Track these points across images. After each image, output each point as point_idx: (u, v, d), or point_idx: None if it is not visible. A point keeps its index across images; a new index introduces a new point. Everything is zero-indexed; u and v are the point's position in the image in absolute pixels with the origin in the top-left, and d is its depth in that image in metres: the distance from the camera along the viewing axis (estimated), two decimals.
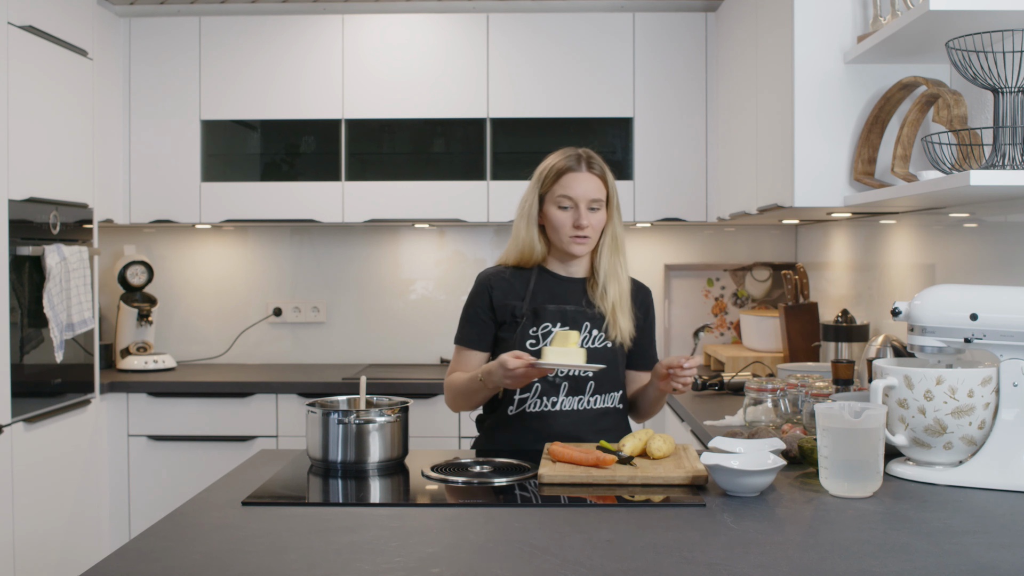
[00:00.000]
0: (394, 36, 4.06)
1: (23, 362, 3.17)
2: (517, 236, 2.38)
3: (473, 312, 2.39)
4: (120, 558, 1.50)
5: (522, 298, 2.34)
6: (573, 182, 2.28)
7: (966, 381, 1.88)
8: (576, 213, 2.28)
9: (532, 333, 2.31)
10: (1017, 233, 2.38)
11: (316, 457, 2.10)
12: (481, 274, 2.43)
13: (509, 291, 2.36)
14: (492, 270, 2.42)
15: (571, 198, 2.28)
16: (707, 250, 4.44)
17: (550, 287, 2.36)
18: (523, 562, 1.46)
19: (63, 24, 3.41)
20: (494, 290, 2.36)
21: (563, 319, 2.31)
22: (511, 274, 2.39)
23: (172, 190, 4.08)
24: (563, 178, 2.29)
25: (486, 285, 2.38)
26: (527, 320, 2.32)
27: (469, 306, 2.40)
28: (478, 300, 2.38)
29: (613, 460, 1.99)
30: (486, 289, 2.37)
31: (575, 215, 2.28)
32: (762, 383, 2.51)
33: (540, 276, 2.38)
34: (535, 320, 2.31)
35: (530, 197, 2.35)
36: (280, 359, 4.47)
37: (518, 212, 2.39)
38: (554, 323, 2.31)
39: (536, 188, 2.35)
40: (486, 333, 2.38)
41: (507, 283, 2.37)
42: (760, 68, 3.23)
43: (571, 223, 2.29)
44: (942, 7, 2.06)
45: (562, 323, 2.31)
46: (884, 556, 1.47)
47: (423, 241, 4.46)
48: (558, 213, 2.30)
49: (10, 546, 3.07)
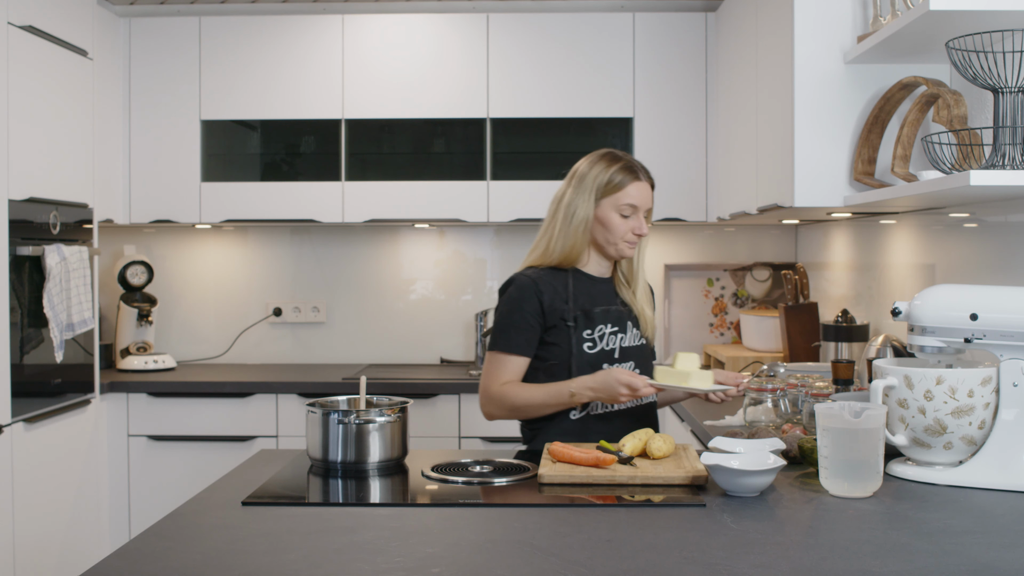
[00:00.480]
0: (394, 36, 4.06)
1: (23, 362, 3.17)
2: (569, 238, 2.36)
3: (521, 317, 2.33)
4: (120, 558, 1.50)
5: (566, 301, 2.35)
6: (637, 191, 2.36)
7: (966, 381, 1.88)
8: (636, 220, 2.36)
9: (588, 336, 2.34)
10: (1017, 233, 2.38)
11: (316, 457, 2.10)
12: (522, 278, 2.37)
13: (556, 294, 2.35)
14: (532, 273, 2.38)
15: (635, 206, 2.35)
16: (707, 250, 4.44)
17: (587, 288, 2.39)
18: (523, 562, 1.46)
19: (63, 24, 3.41)
20: (543, 294, 2.34)
21: (611, 319, 2.37)
22: (551, 276, 2.38)
23: (172, 190, 4.09)
24: (628, 187, 2.35)
25: (534, 289, 2.34)
26: (580, 324, 2.33)
27: (515, 311, 2.34)
28: (527, 305, 2.33)
29: (613, 460, 1.99)
30: (535, 293, 2.33)
31: (635, 222, 2.36)
32: (762, 383, 2.51)
33: (575, 277, 2.40)
34: (588, 323, 2.34)
35: (585, 202, 2.35)
36: (280, 359, 4.47)
37: (565, 214, 2.37)
38: (605, 324, 2.36)
39: (592, 194, 2.35)
40: (533, 338, 2.34)
41: (551, 286, 2.36)
42: (760, 68, 3.23)
43: (629, 229, 2.35)
44: (942, 7, 2.06)
45: (611, 323, 2.36)
46: (884, 556, 1.47)
47: (423, 241, 4.46)
48: (619, 220, 2.35)
49: (10, 546, 3.07)
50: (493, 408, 2.36)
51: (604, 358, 2.34)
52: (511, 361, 2.34)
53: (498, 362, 2.35)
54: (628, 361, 2.37)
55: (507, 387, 2.33)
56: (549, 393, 2.27)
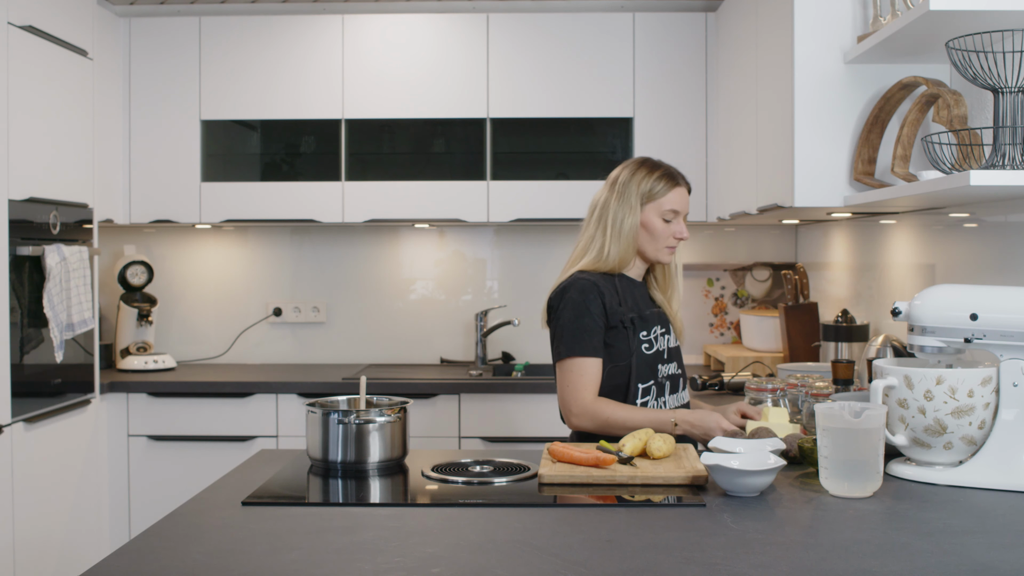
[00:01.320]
0: (394, 36, 4.06)
1: (23, 362, 3.17)
2: (621, 243, 2.38)
3: (590, 320, 2.32)
4: (120, 558, 1.50)
5: (619, 303, 2.38)
6: (678, 197, 2.42)
7: (966, 381, 1.88)
8: (679, 225, 2.42)
9: (644, 337, 2.38)
10: (1017, 233, 2.38)
11: (316, 457, 2.10)
12: (582, 282, 2.35)
13: (613, 296, 2.38)
14: (591, 277, 2.37)
15: (677, 212, 2.41)
16: (707, 250, 4.44)
17: (631, 291, 2.44)
18: (523, 562, 1.46)
19: (63, 24, 3.41)
20: (604, 295, 2.35)
21: (660, 321, 2.44)
22: (604, 280, 2.40)
23: (172, 190, 4.08)
24: (671, 193, 2.41)
25: (596, 291, 2.34)
26: (637, 325, 2.37)
27: (582, 315, 2.32)
28: (592, 308, 2.32)
29: (613, 460, 1.99)
30: (598, 295, 2.33)
31: (677, 227, 2.41)
32: (762, 383, 2.51)
33: (621, 281, 2.43)
34: (644, 324, 2.39)
35: (633, 208, 2.39)
36: (280, 359, 4.47)
37: (612, 223, 2.39)
38: (657, 326, 2.42)
39: (638, 201, 2.39)
40: (602, 341, 2.34)
41: (608, 289, 2.37)
42: (760, 68, 3.23)
43: (671, 234, 2.41)
44: (942, 7, 2.06)
45: (660, 325, 2.43)
46: (884, 556, 1.47)
47: (423, 241, 4.46)
48: (662, 225, 2.41)
49: (10, 546, 3.07)
50: (585, 421, 2.31)
51: (658, 359, 2.40)
52: (591, 364, 2.31)
53: (579, 368, 2.31)
54: (673, 361, 2.45)
55: (605, 404, 2.30)
56: (651, 420, 2.26)
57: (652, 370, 2.37)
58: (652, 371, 2.37)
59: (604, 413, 2.28)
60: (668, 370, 2.42)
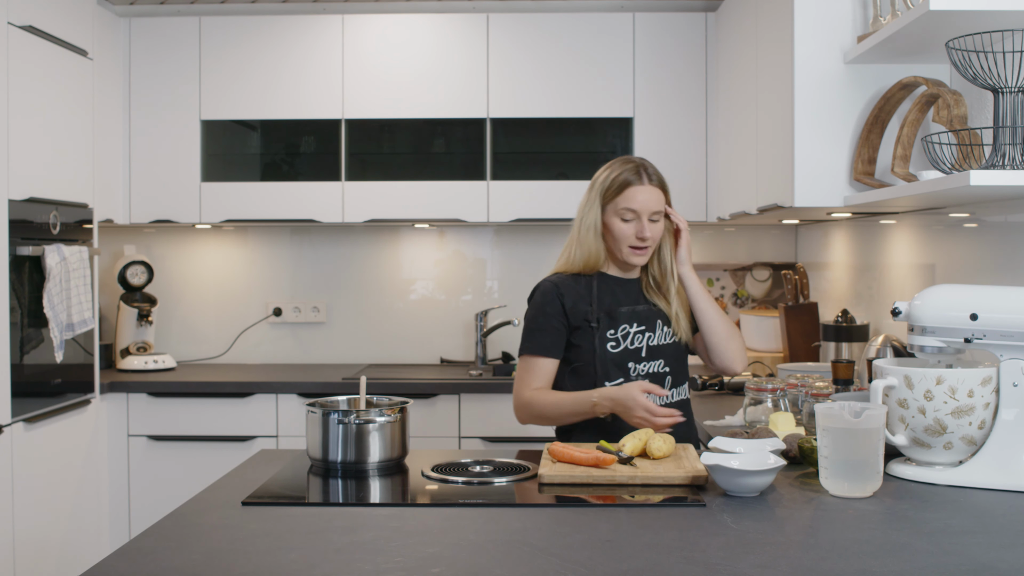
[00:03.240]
0: (394, 36, 4.06)
1: (23, 362, 3.17)
2: (583, 245, 2.38)
3: (544, 320, 2.36)
4: (120, 558, 1.50)
5: (589, 303, 2.37)
6: (636, 194, 2.33)
7: (966, 381, 1.88)
8: (639, 225, 2.33)
9: (611, 336, 2.35)
10: (1017, 233, 2.38)
11: (316, 457, 2.10)
12: (544, 283, 2.41)
13: (579, 296, 2.38)
14: (555, 278, 2.41)
15: (634, 211, 2.33)
16: (707, 250, 4.43)
17: (612, 289, 2.40)
18: (523, 562, 1.46)
19: (63, 24, 3.41)
20: (565, 296, 2.37)
21: (638, 319, 2.37)
22: (574, 280, 2.40)
23: (172, 190, 4.08)
24: (626, 191, 2.34)
25: (555, 292, 2.37)
26: (603, 324, 2.35)
27: (538, 315, 2.38)
28: (549, 308, 2.37)
29: (613, 460, 1.99)
30: (556, 296, 2.37)
31: (637, 227, 2.33)
32: (762, 383, 2.51)
33: (600, 280, 2.41)
34: (612, 323, 2.35)
35: (592, 208, 2.38)
36: (280, 359, 4.47)
37: (578, 222, 2.41)
38: (630, 324, 2.36)
39: (598, 199, 2.37)
40: (559, 340, 2.37)
41: (574, 289, 2.38)
42: (760, 68, 3.23)
43: (633, 234, 2.33)
44: (942, 7, 2.06)
45: (638, 323, 2.36)
46: (884, 556, 1.47)
47: (423, 241, 4.46)
48: (621, 225, 2.34)
49: (10, 546, 3.07)
50: (523, 414, 2.39)
51: (629, 357, 2.35)
52: (538, 363, 2.36)
53: (527, 365, 2.38)
54: (657, 359, 2.37)
55: (536, 393, 2.35)
56: (575, 400, 2.29)
57: (621, 368, 2.34)
58: (622, 369, 2.34)
59: (536, 404, 2.34)
60: (648, 368, 2.36)
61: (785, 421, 2.23)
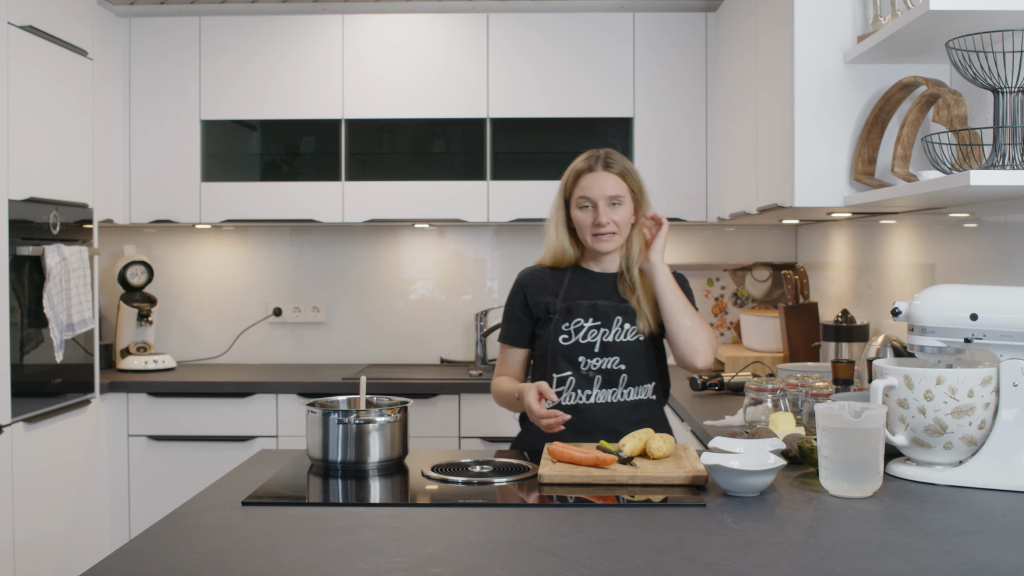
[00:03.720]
0: (394, 36, 4.06)
1: (23, 362, 3.17)
2: (549, 240, 2.47)
3: (511, 310, 2.49)
4: (120, 558, 1.50)
5: (556, 294, 2.42)
6: (591, 182, 2.37)
7: (966, 381, 1.88)
8: (595, 212, 2.35)
9: (564, 328, 2.37)
10: (1017, 233, 2.38)
11: (316, 457, 2.10)
12: (518, 276, 2.51)
13: (544, 288, 2.44)
14: (529, 269, 2.51)
15: (589, 198, 2.36)
16: (707, 250, 4.43)
17: (584, 283, 2.43)
18: (523, 562, 1.46)
19: (63, 24, 3.41)
20: (528, 287, 2.46)
21: (595, 314, 2.37)
22: (547, 273, 2.48)
23: (172, 190, 4.08)
24: (581, 180, 2.39)
25: (522, 284, 2.48)
26: (560, 316, 2.38)
27: (508, 304, 2.50)
28: (515, 298, 2.48)
29: (613, 460, 1.99)
30: (521, 287, 2.47)
31: (594, 214, 2.35)
32: (762, 383, 2.51)
33: (575, 274, 2.45)
34: (568, 316, 2.38)
35: (557, 202, 2.45)
36: (280, 359, 4.47)
37: (549, 216, 2.48)
38: (586, 318, 2.37)
39: (561, 193, 2.45)
40: (524, 330, 2.47)
41: (542, 281, 2.46)
42: (760, 68, 3.23)
43: (591, 221, 2.36)
44: (942, 7, 2.06)
45: (593, 318, 2.37)
46: (884, 556, 1.47)
47: (423, 241, 4.46)
48: (579, 214, 2.39)
49: (10, 546, 3.07)
50: (494, 398, 2.52)
51: (581, 351, 2.36)
52: (505, 351, 2.50)
53: (499, 352, 2.53)
54: (613, 356, 2.35)
55: (497, 380, 2.49)
56: (509, 392, 2.40)
57: (570, 361, 2.36)
58: (570, 362, 2.36)
59: (494, 388, 2.50)
60: (600, 364, 2.35)
61: (785, 421, 2.23)
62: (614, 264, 2.45)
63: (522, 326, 2.46)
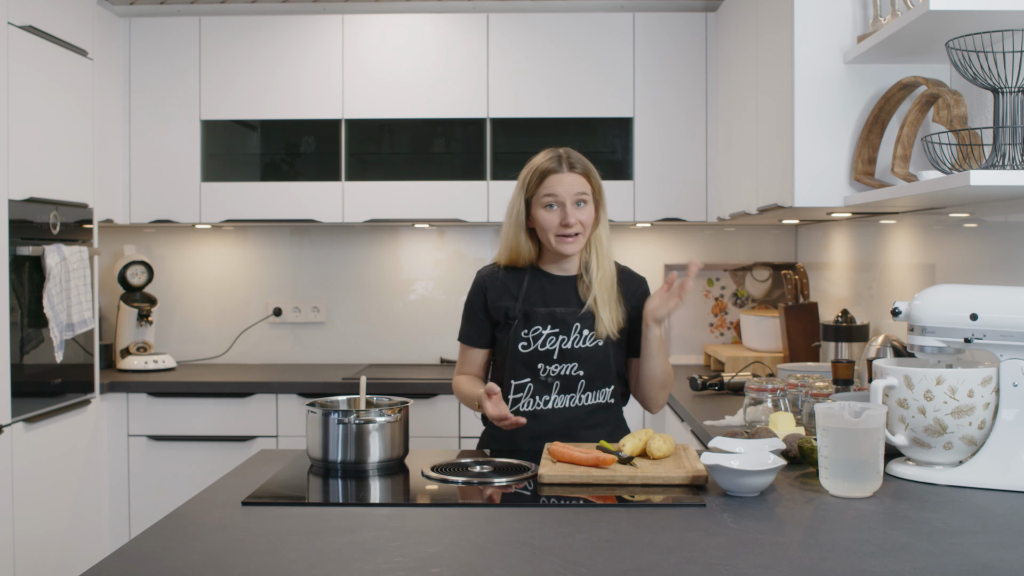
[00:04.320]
0: (394, 36, 4.06)
1: (23, 362, 3.17)
2: (506, 239, 2.41)
3: (471, 311, 2.46)
4: (120, 558, 1.50)
5: (515, 298, 2.39)
6: (557, 182, 2.31)
7: (966, 381, 1.88)
8: (563, 212, 2.31)
9: (524, 336, 2.35)
10: (1017, 233, 2.38)
11: (316, 457, 2.10)
12: (479, 272, 2.48)
13: (503, 292, 2.41)
14: (488, 270, 2.47)
15: (555, 196, 2.31)
16: (707, 250, 4.43)
17: (543, 287, 2.40)
18: (523, 562, 1.46)
19: (63, 24, 3.41)
20: (488, 291, 2.42)
21: (553, 321, 2.34)
22: (505, 274, 2.43)
23: (172, 190, 4.09)
24: (547, 180, 2.32)
25: (481, 286, 2.44)
26: (519, 323, 2.36)
27: (468, 304, 2.47)
28: (475, 300, 2.45)
29: (613, 460, 1.99)
30: (481, 290, 2.44)
31: (562, 214, 2.31)
32: (762, 383, 2.51)
33: (533, 276, 2.41)
34: (527, 323, 2.35)
35: (517, 202, 2.38)
36: (280, 359, 4.47)
37: (506, 216, 2.42)
38: (544, 325, 2.34)
39: (522, 192, 2.38)
40: (484, 331, 2.45)
41: (501, 284, 2.42)
42: (760, 68, 3.23)
43: (558, 222, 2.31)
44: (942, 7, 2.06)
45: (552, 325, 2.34)
46: (884, 556, 1.47)
47: (423, 241, 4.46)
48: (545, 214, 2.33)
49: (10, 546, 3.07)
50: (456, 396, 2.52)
51: (540, 358, 2.34)
52: (466, 351, 2.49)
53: (460, 351, 2.52)
54: (571, 362, 2.33)
55: (458, 379, 2.49)
56: (470, 396, 2.39)
57: (529, 369, 2.34)
58: (529, 369, 2.34)
59: (455, 387, 2.50)
60: (559, 370, 2.33)
61: (785, 421, 2.23)
62: (573, 266, 2.41)
63: (483, 327, 2.44)
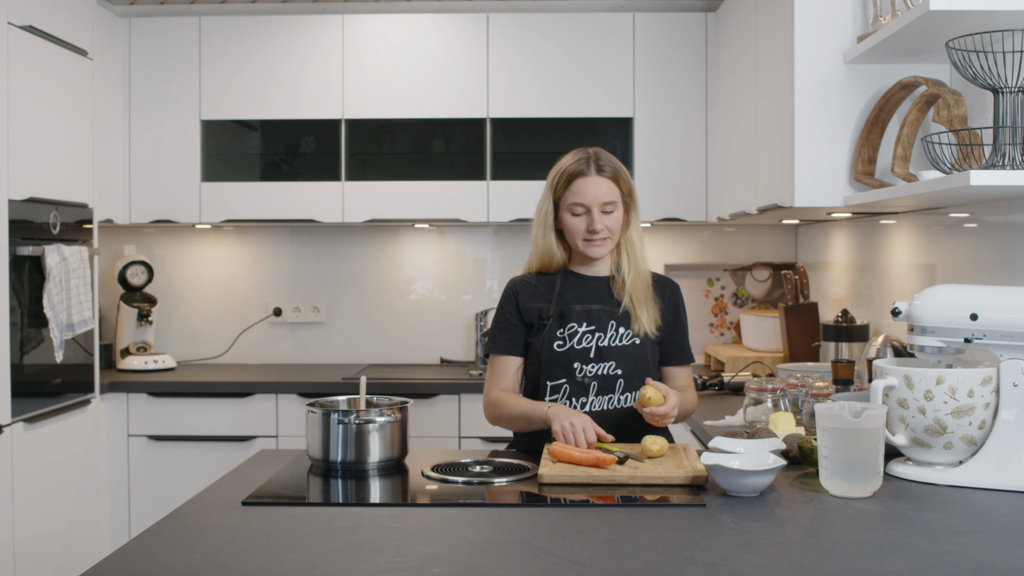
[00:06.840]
0: (394, 36, 4.06)
1: (23, 362, 3.17)
2: (536, 243, 2.38)
3: (503, 319, 2.38)
4: (120, 558, 1.50)
5: (549, 300, 2.34)
6: (584, 187, 2.28)
7: (966, 381, 1.88)
8: (589, 218, 2.28)
9: (560, 335, 2.31)
10: (1017, 233, 2.38)
11: (316, 457, 2.10)
12: (508, 283, 2.42)
13: (535, 295, 2.36)
14: (518, 277, 2.42)
15: (583, 204, 2.28)
16: (707, 250, 4.44)
17: (576, 287, 2.36)
18: (523, 562, 1.46)
19: (63, 24, 3.41)
20: (520, 294, 2.37)
21: (589, 319, 2.31)
22: (537, 279, 2.39)
23: (172, 190, 4.08)
24: (574, 183, 2.29)
25: (513, 291, 2.39)
26: (554, 322, 2.32)
27: (499, 313, 2.40)
28: (507, 306, 2.38)
29: (613, 460, 1.99)
30: (513, 294, 2.38)
31: (588, 220, 2.28)
32: (762, 383, 2.51)
33: (565, 278, 2.38)
34: (562, 321, 2.31)
35: (545, 204, 2.35)
36: (280, 359, 4.47)
37: (535, 218, 2.39)
38: (580, 323, 2.30)
39: (550, 194, 2.35)
40: (518, 338, 2.37)
41: (533, 287, 2.38)
42: (760, 68, 3.23)
43: (585, 228, 2.29)
44: (942, 7, 2.06)
45: (588, 322, 2.30)
46: (884, 556, 1.47)
47: (423, 241, 4.46)
48: (572, 219, 2.31)
49: (10, 546, 3.07)
50: (489, 413, 2.39)
51: (576, 357, 2.29)
52: (499, 361, 2.38)
53: (492, 364, 2.40)
54: (608, 361, 2.29)
55: (502, 395, 2.35)
56: (532, 407, 2.26)
57: (566, 369, 2.29)
58: (566, 370, 2.29)
59: (497, 404, 2.34)
60: (596, 370, 2.29)
61: (785, 421, 2.23)
62: (605, 267, 2.39)
63: (518, 334, 2.36)
